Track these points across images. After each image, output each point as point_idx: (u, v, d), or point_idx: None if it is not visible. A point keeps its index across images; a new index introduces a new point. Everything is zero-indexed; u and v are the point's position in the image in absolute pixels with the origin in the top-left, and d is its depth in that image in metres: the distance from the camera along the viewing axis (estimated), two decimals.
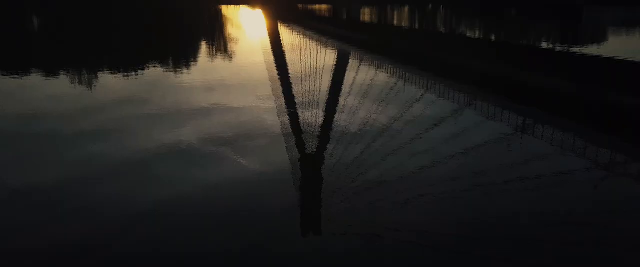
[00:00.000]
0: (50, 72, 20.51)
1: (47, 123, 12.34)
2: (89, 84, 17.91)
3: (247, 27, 51.24)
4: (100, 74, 20.05)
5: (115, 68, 21.54)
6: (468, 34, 44.68)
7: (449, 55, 25.43)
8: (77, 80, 18.82)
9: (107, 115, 13.05)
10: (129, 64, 23.12)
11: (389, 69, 21.63)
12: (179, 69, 21.47)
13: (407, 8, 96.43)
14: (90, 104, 14.45)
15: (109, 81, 18.45)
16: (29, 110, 13.72)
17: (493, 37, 41.30)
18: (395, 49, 29.66)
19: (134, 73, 20.33)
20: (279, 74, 20.49)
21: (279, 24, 54.62)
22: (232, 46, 32.76)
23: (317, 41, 35.39)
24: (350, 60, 25.85)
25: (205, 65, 23.13)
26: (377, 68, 21.74)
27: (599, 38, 38.12)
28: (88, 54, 27.01)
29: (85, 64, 23.44)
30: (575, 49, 30.59)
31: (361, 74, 20.12)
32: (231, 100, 14.85)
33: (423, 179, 8.66)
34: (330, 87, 17.54)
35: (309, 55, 27.07)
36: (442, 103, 14.70)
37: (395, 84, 17.76)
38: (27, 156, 9.87)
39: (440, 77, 19.48)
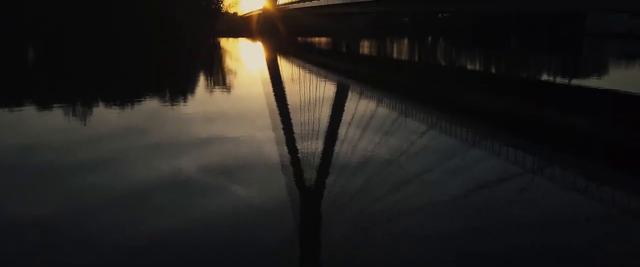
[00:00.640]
0: (47, 102, 20.66)
1: (43, 153, 12.38)
2: (87, 115, 18.05)
3: (247, 59, 51.80)
4: (98, 105, 20.24)
5: (113, 99, 21.72)
6: (468, 67, 45.18)
7: (450, 89, 25.69)
8: (74, 111, 18.96)
9: (106, 145, 13.11)
10: (128, 95, 23.31)
11: (389, 102, 21.83)
12: (178, 100, 21.67)
13: (406, 41, 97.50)
14: (89, 135, 14.55)
15: (107, 112, 18.60)
16: (25, 140, 13.77)
17: (494, 70, 41.74)
18: (395, 82, 29.98)
19: (133, 104, 20.50)
20: (278, 106, 20.69)
21: (278, 56, 55.23)
22: (231, 78, 33.09)
23: (317, 74, 35.76)
24: (349, 93, 26.12)
25: (205, 96, 23.36)
26: (378, 102, 21.93)
27: (601, 71, 38.56)
28: (87, 84, 27.26)
29: (84, 94, 23.63)
30: (576, 82, 30.95)
31: (361, 107, 20.29)
32: (230, 131, 14.95)
33: (425, 213, 8.68)
34: (330, 120, 17.69)
35: (309, 88, 27.35)
36: (444, 138, 14.79)
37: (397, 118, 17.89)
38: (25, 186, 9.88)
39: (442, 112, 19.53)
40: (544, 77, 35.77)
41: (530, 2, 35.26)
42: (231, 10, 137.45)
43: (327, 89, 27.39)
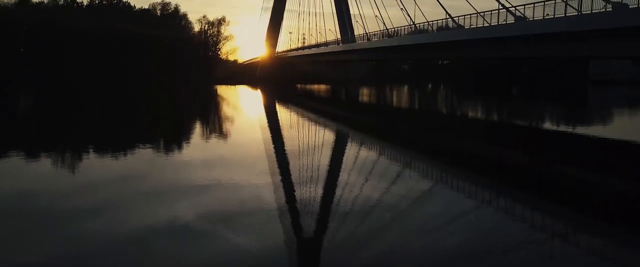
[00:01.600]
0: (43, 147, 21.04)
1: (41, 200, 12.67)
2: (85, 161, 18.42)
3: (246, 106, 52.55)
4: (96, 151, 20.61)
5: (112, 145, 22.12)
6: (469, 115, 45.80)
7: (451, 139, 26.11)
8: (72, 157, 19.36)
9: (104, 192, 13.45)
10: (127, 141, 23.72)
11: (390, 152, 22.06)
12: (178, 146, 22.15)
13: (406, 88, 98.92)
14: (86, 181, 14.88)
15: (105, 158, 18.98)
16: (22, 187, 14.04)
17: (496, 119, 42.21)
18: (395, 131, 30.39)
19: (131, 150, 20.91)
20: (276, 153, 21.13)
21: (278, 104, 56.02)
22: (231, 124, 33.66)
23: (315, 121, 36.37)
24: (348, 142, 26.55)
25: (205, 142, 23.94)
26: (378, 152, 22.11)
27: (607, 120, 38.95)
28: (84, 129, 27.65)
29: (81, 140, 24.03)
30: (582, 131, 31.26)
31: (360, 156, 20.61)
32: (229, 176, 15.34)
33: (425, 261, 8.94)
34: (329, 167, 18.13)
35: (307, 136, 27.87)
36: (446, 191, 14.97)
37: (398, 170, 18.12)
38: (21, 233, 10.15)
39: (444, 164, 19.48)
40: (547, 127, 36.31)
41: (530, 48, 35.77)
42: (231, 58, 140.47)
43: (325, 137, 27.90)
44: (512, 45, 36.13)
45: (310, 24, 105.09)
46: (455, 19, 43.08)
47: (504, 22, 36.53)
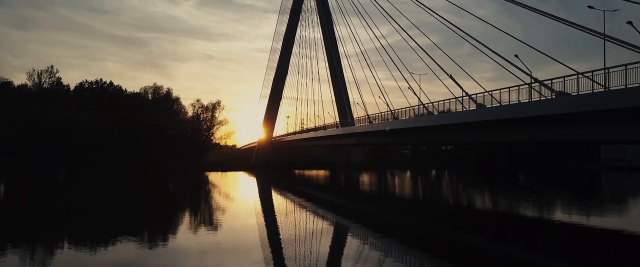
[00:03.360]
0: (36, 235, 21.55)
1: None
2: (80, 249, 19.05)
3: (242, 194, 53.33)
4: (91, 238, 21.24)
5: (107, 231, 22.81)
6: (477, 206, 46.06)
7: (460, 235, 26.27)
8: (65, 245, 19.95)
9: None
10: (123, 227, 24.44)
11: (396, 252, 22.07)
12: (173, 233, 22.97)
13: (408, 174, 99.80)
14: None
15: (101, 245, 19.64)
16: None
17: (505, 211, 42.27)
18: (400, 225, 30.59)
19: (127, 237, 21.58)
20: (271, 241, 22.62)
21: (274, 191, 56.62)
22: (226, 212, 34.38)
23: (313, 212, 36.91)
24: (348, 237, 26.78)
25: (200, 229, 24.97)
26: (382, 251, 22.22)
27: (624, 211, 38.96)
28: (78, 216, 28.16)
29: (74, 227, 24.70)
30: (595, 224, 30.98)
31: (362, 255, 20.81)
32: (224, 264, 16.19)
33: None
34: (328, 259, 19.06)
35: (303, 225, 28.54)
36: None
37: None
38: None
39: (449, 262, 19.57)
40: (560, 220, 36.55)
41: (536, 132, 35.21)
42: (229, 143, 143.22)
43: (325, 230, 28.32)
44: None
45: (309, 110, 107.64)
46: (472, 97, 39.74)
47: (517, 101, 33.83)
